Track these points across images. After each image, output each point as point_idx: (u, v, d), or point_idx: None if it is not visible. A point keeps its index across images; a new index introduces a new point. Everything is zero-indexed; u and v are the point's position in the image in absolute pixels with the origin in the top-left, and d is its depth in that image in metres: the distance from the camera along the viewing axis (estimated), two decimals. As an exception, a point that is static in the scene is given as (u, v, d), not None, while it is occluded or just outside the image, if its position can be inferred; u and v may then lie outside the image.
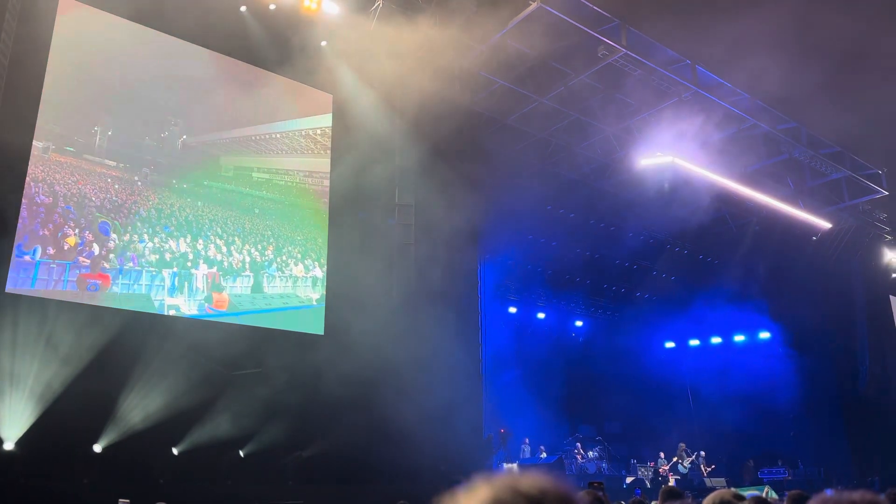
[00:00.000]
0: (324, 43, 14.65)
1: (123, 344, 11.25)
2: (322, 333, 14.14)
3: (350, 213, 14.99)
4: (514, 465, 17.41)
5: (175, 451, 11.68)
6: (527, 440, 19.63)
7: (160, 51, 13.11)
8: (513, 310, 23.67)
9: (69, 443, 10.72)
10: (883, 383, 23.94)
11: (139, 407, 11.25)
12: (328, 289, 14.54)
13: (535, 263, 24.59)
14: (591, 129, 19.15)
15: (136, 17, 12.75)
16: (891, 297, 26.48)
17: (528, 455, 19.06)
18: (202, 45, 13.48)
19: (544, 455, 18.84)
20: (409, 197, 15.20)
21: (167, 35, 13.09)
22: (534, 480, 1.49)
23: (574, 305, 26.83)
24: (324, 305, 14.46)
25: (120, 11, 12.56)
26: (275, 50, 14.06)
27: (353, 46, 14.69)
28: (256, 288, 13.86)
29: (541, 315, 25.27)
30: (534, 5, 14.67)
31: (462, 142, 15.97)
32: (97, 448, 11.01)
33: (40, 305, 10.85)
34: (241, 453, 12.35)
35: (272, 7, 13.70)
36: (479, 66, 15.93)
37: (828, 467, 20.88)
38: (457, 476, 13.69)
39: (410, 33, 14.50)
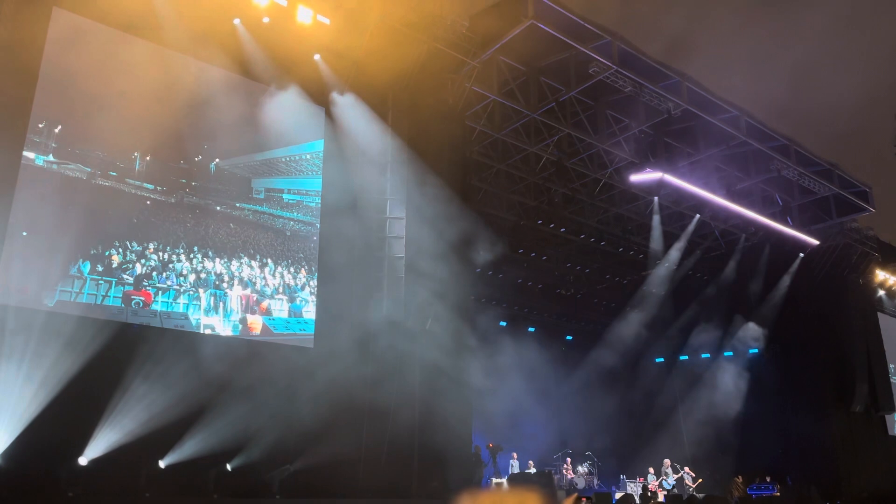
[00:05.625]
0: (317, 56, 14.70)
1: (112, 357, 11.17)
2: (312, 346, 14.09)
3: (341, 225, 14.96)
4: (503, 480, 17.34)
5: (161, 464, 11.58)
6: (515, 455, 19.57)
7: (178, 71, 13.18)
8: (503, 323, 23.66)
9: (55, 455, 10.62)
10: (872, 400, 24.03)
11: (125, 420, 11.16)
12: (318, 302, 14.52)
13: (526, 277, 24.65)
14: (582, 144, 19.27)
15: (136, 31, 12.76)
16: (879, 313, 26.64)
17: (516, 470, 19.00)
18: (204, 61, 13.50)
19: (533, 471, 18.79)
20: (401, 210, 15.21)
21: (172, 51, 13.12)
22: (518, 497, 1.49)
23: (564, 319, 26.87)
24: (313, 321, 14.43)
25: (117, 24, 12.56)
26: (271, 64, 14.08)
27: (346, 60, 14.74)
28: (290, 311, 14.14)
29: (531, 329, 25.27)
30: (526, 22, 14.79)
31: (454, 156, 16.02)
32: (83, 461, 10.90)
33: (30, 317, 10.78)
34: (229, 467, 12.25)
35: (266, 20, 13.74)
36: (471, 81, 16.01)
37: (817, 483, 20.90)
38: (446, 491, 13.63)
39: (403, 48, 14.57)
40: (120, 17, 12.45)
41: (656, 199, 21.59)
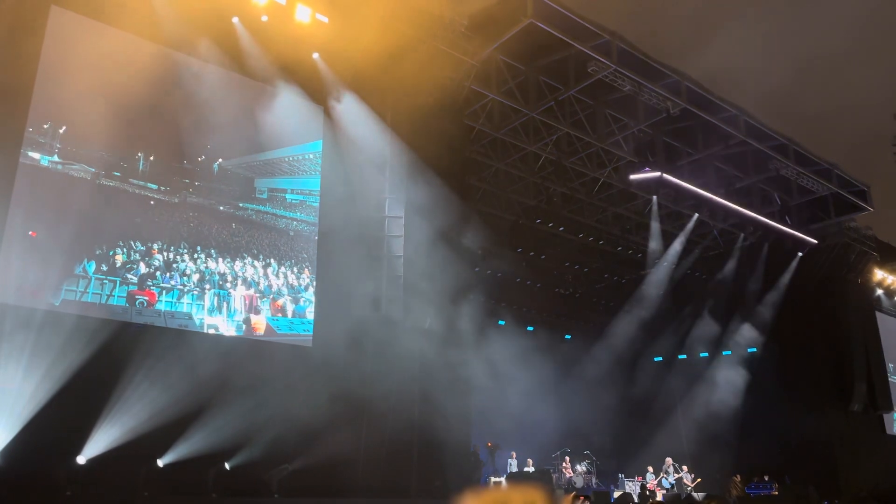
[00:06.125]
0: (316, 55, 14.68)
1: (111, 356, 11.16)
2: (311, 346, 14.08)
3: (339, 224, 14.95)
4: (502, 479, 17.35)
5: (160, 463, 11.56)
6: (514, 454, 19.58)
7: (178, 70, 13.18)
8: (502, 322, 23.65)
9: (53, 454, 10.61)
10: (870, 399, 24.05)
11: (124, 419, 11.15)
12: (317, 301, 14.50)
13: (525, 276, 24.65)
14: (581, 143, 19.27)
15: (135, 29, 12.73)
16: (877, 312, 26.66)
17: (514, 469, 19.00)
18: (204, 60, 13.50)
19: (531, 469, 18.79)
20: (399, 209, 15.20)
21: (172, 50, 13.11)
22: (524, 495, 1.49)
23: (563, 318, 26.88)
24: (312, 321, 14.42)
25: (115, 23, 12.53)
26: (270, 63, 14.06)
27: (345, 59, 14.72)
28: (294, 312, 14.14)
29: (530, 328, 25.27)
30: (525, 21, 14.78)
31: (453, 155, 16.02)
32: (81, 460, 10.88)
33: (36, 316, 10.80)
34: (227, 466, 12.24)
35: (264, 18, 13.72)
36: (470, 80, 16.00)
37: (815, 482, 20.91)
38: (445, 490, 13.64)
39: (402, 47, 14.55)
40: (118, 16, 12.42)
41: (655, 198, 21.59)
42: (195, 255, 13.05)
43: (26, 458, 10.21)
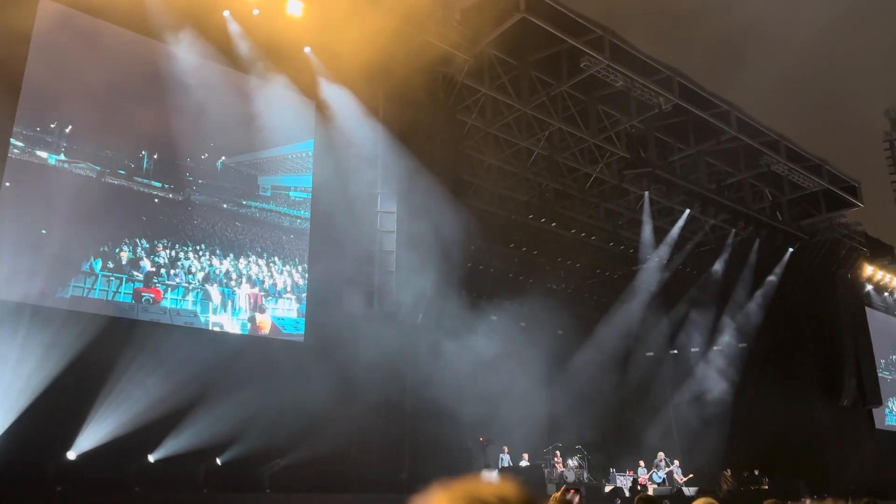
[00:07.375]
0: (307, 49, 14.61)
1: (101, 351, 11.11)
2: (302, 340, 14.06)
3: (332, 220, 14.91)
4: (494, 474, 17.37)
5: (151, 458, 11.53)
6: (506, 448, 19.58)
7: (177, 67, 13.11)
8: (494, 318, 23.65)
9: (43, 449, 10.56)
10: (859, 394, 24.21)
11: (115, 414, 11.11)
12: (309, 296, 14.47)
13: (517, 272, 24.65)
14: (574, 138, 19.28)
15: (130, 25, 12.64)
16: (867, 308, 26.81)
17: (507, 464, 19.02)
18: (200, 56, 13.43)
19: (524, 464, 18.82)
20: (392, 204, 15.17)
21: (170, 47, 13.04)
22: (493, 486, 1.46)
23: (555, 314, 26.88)
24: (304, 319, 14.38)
25: (108, 17, 12.43)
26: (264, 58, 13.99)
27: (337, 54, 14.65)
28: (299, 311, 14.12)
29: (522, 323, 25.27)
30: (518, 16, 14.77)
31: (445, 150, 15.99)
32: (71, 455, 10.84)
33: (18, 312, 10.71)
34: (219, 461, 12.22)
35: (255, 12, 13.65)
36: (462, 75, 15.97)
37: (805, 476, 21.06)
38: (437, 485, 13.65)
39: (394, 41, 14.50)
40: (107, 9, 12.34)
41: (647, 193, 21.64)
42: (200, 253, 13.05)
43: (17, 453, 10.16)
